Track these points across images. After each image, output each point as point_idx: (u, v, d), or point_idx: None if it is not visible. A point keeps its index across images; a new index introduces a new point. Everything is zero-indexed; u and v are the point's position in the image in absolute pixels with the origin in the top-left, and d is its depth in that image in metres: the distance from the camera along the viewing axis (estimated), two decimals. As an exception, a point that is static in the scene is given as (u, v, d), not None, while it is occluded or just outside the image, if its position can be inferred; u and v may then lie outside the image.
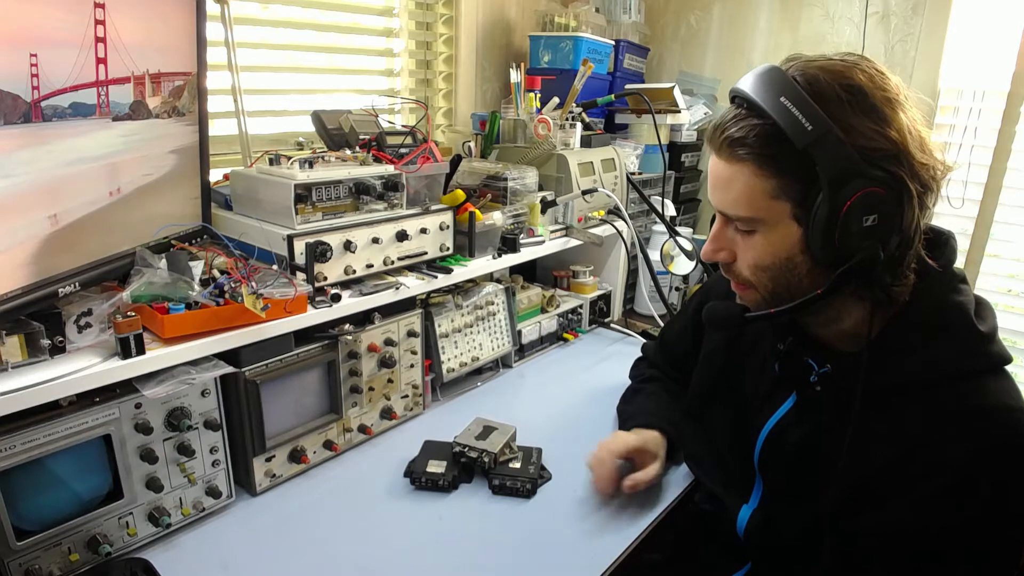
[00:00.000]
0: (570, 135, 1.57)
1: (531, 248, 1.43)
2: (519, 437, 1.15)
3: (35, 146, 0.75)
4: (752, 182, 0.72)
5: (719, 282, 1.03)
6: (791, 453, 0.86)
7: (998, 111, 1.71)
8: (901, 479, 0.72)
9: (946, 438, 0.70)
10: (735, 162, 0.72)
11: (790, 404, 0.88)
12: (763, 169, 0.71)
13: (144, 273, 0.89)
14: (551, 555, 0.93)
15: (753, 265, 0.76)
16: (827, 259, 0.71)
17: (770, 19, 2.05)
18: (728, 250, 0.79)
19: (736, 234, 0.78)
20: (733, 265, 0.79)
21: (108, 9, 0.82)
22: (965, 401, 0.71)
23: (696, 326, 1.14)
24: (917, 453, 0.72)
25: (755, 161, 0.71)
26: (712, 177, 0.77)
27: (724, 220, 0.78)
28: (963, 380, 0.72)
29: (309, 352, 1.06)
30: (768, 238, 0.74)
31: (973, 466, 0.68)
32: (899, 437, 0.73)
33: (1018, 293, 1.81)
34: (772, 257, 0.75)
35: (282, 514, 0.99)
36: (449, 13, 1.83)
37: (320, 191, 1.07)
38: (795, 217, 0.72)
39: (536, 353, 1.58)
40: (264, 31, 1.51)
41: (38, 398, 0.76)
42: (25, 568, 0.79)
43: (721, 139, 0.73)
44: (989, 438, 0.69)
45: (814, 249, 0.71)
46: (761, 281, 0.77)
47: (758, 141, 0.70)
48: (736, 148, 0.72)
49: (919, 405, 0.73)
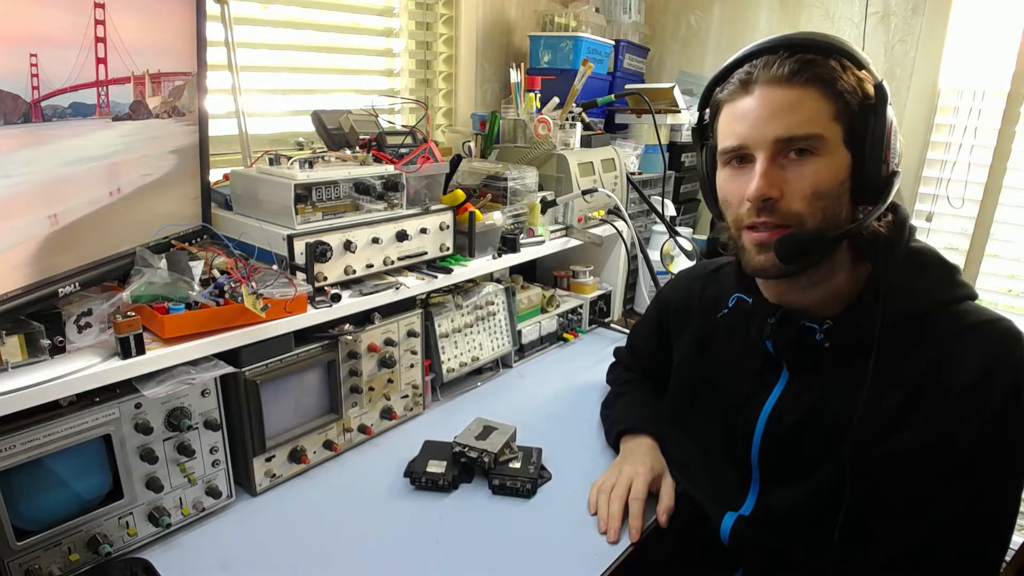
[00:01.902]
0: (570, 135, 1.57)
1: (531, 248, 1.43)
2: (519, 437, 1.15)
3: (35, 146, 0.76)
4: (819, 103, 0.77)
5: (672, 282, 1.23)
6: (792, 433, 0.86)
7: (998, 111, 1.72)
8: (915, 411, 0.77)
9: (954, 353, 0.76)
10: (800, 87, 0.77)
11: (783, 384, 0.89)
12: (827, 91, 0.77)
13: (144, 273, 0.89)
14: (551, 555, 0.93)
15: (811, 193, 0.78)
16: (874, 179, 0.77)
17: (770, 19, 2.05)
18: (778, 187, 0.79)
19: (785, 168, 0.78)
20: (780, 202, 0.79)
21: (108, 9, 0.82)
22: (963, 319, 0.78)
23: (660, 333, 1.18)
24: (926, 380, 0.77)
25: (820, 85, 0.77)
26: (769, 107, 0.78)
27: (771, 156, 0.79)
28: (953, 304, 0.80)
29: (309, 352, 1.06)
30: (827, 160, 0.77)
31: (985, 369, 0.74)
32: (905, 375, 0.78)
33: (1018, 293, 1.81)
34: (831, 180, 0.78)
35: (282, 514, 0.99)
36: (449, 13, 1.83)
37: (320, 191, 1.07)
38: (845, 143, 0.78)
39: (536, 353, 1.58)
40: (264, 31, 1.51)
41: (38, 398, 0.76)
42: (25, 568, 0.79)
43: (784, 69, 0.78)
44: (995, 342, 0.76)
45: (870, 165, 0.77)
46: (814, 212, 0.78)
47: (822, 69, 0.77)
48: (804, 73, 0.77)
49: (918, 338, 0.79)
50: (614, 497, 1.00)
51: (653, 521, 0.99)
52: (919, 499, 0.76)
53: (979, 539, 0.76)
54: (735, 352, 0.97)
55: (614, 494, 1.00)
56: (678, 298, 1.13)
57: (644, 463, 1.04)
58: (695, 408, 1.04)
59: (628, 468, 1.04)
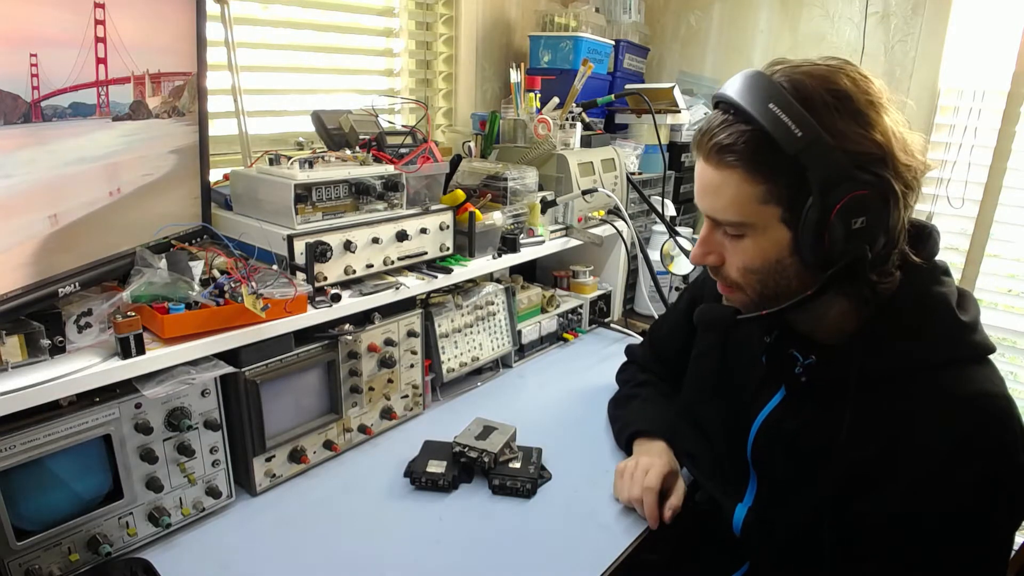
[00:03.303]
0: (570, 135, 1.57)
1: (531, 248, 1.43)
2: (519, 437, 1.15)
3: (35, 146, 0.75)
4: (741, 188, 0.72)
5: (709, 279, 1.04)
6: (783, 445, 0.86)
7: (998, 111, 1.71)
8: (890, 466, 0.74)
9: (930, 425, 0.71)
10: (724, 168, 0.73)
11: (780, 397, 0.89)
12: (752, 175, 0.71)
13: (144, 273, 0.89)
14: (551, 555, 0.93)
15: (742, 268, 0.77)
16: (817, 261, 0.72)
17: (770, 19, 2.05)
18: (717, 253, 0.80)
19: (725, 238, 0.78)
20: (722, 268, 0.80)
21: (108, 9, 0.82)
22: (949, 389, 0.72)
23: (688, 323, 1.12)
24: (903, 440, 0.73)
25: (744, 167, 0.72)
26: (700, 182, 0.77)
27: (712, 224, 0.79)
28: (946, 368, 0.73)
29: (309, 352, 1.06)
30: (757, 242, 0.75)
31: (957, 453, 0.69)
32: (886, 425, 0.74)
33: (1018, 293, 1.81)
34: (761, 261, 0.75)
35: (282, 514, 0.99)
36: (449, 13, 1.83)
37: (320, 191, 1.07)
38: (784, 221, 0.73)
39: (536, 353, 1.58)
40: (264, 31, 1.51)
41: (38, 398, 0.76)
42: (25, 568, 0.79)
43: (709, 145, 0.74)
44: (972, 425, 0.69)
45: (804, 252, 0.72)
46: (750, 283, 0.78)
47: (747, 148, 0.71)
48: (725, 155, 0.72)
49: (904, 393, 0.74)
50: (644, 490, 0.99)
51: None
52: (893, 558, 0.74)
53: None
54: (748, 354, 0.96)
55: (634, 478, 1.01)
56: (712, 286, 1.11)
57: (661, 457, 1.04)
58: (706, 401, 1.04)
59: (645, 459, 1.04)
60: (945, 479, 0.70)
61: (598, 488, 1.06)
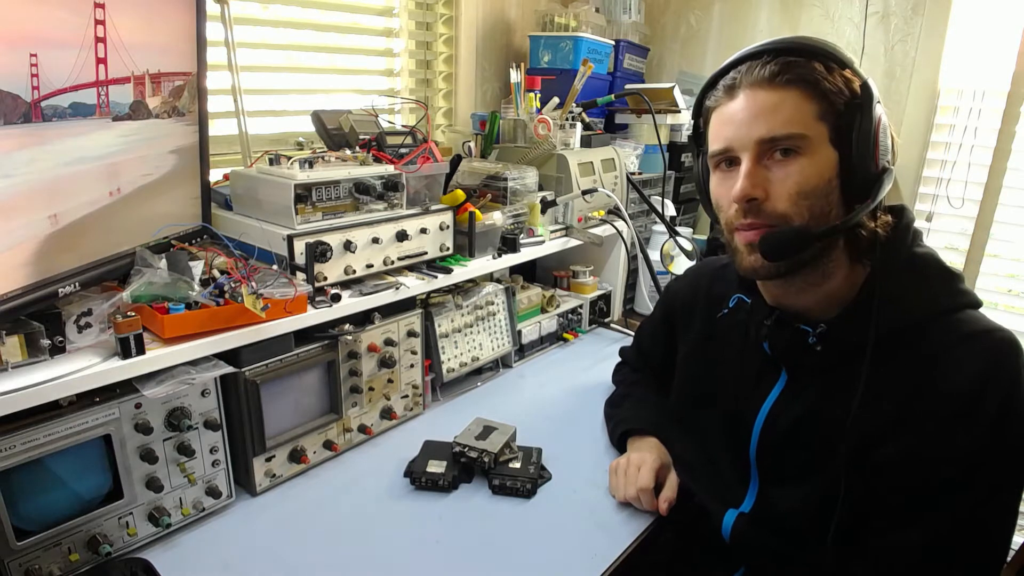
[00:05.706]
0: (570, 135, 1.57)
1: (531, 248, 1.43)
2: (519, 437, 1.15)
3: (35, 146, 0.75)
4: (801, 104, 0.78)
5: (680, 278, 1.22)
6: (790, 434, 0.87)
7: (998, 111, 1.71)
8: (908, 420, 0.76)
9: (949, 362, 0.76)
10: (781, 89, 0.78)
11: (781, 385, 0.89)
12: (812, 92, 0.78)
13: (144, 273, 0.89)
14: (551, 555, 0.92)
15: (796, 192, 0.78)
16: (864, 176, 0.77)
17: (770, 19, 2.05)
18: (762, 187, 0.80)
19: (770, 168, 0.79)
20: (765, 203, 0.80)
21: (108, 9, 0.82)
22: (961, 328, 0.78)
23: (667, 330, 1.18)
24: (921, 389, 0.76)
25: (803, 86, 0.78)
26: (752, 108, 0.80)
27: (755, 158, 0.80)
28: (952, 313, 0.80)
29: (309, 352, 1.06)
30: (812, 159, 0.78)
31: (981, 379, 0.73)
32: (905, 376, 0.78)
33: (1018, 293, 1.81)
34: (817, 179, 0.78)
35: (282, 514, 0.99)
36: (449, 13, 1.83)
37: (320, 191, 1.07)
38: (832, 142, 0.78)
39: (536, 353, 1.58)
40: (264, 31, 1.51)
41: (38, 398, 0.76)
42: (25, 568, 0.79)
43: (764, 72, 0.79)
44: (991, 352, 0.75)
45: (858, 162, 0.77)
46: (800, 211, 0.79)
47: (805, 70, 0.78)
48: (785, 74, 0.78)
49: (915, 345, 0.78)
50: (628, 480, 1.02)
51: (655, 520, 0.99)
52: (915, 509, 0.76)
53: (977, 550, 0.75)
54: (736, 351, 0.97)
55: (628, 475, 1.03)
56: (684, 294, 1.13)
57: (652, 452, 1.05)
58: (697, 404, 1.04)
59: (636, 455, 1.05)
60: (970, 414, 0.73)
61: (598, 488, 1.06)
